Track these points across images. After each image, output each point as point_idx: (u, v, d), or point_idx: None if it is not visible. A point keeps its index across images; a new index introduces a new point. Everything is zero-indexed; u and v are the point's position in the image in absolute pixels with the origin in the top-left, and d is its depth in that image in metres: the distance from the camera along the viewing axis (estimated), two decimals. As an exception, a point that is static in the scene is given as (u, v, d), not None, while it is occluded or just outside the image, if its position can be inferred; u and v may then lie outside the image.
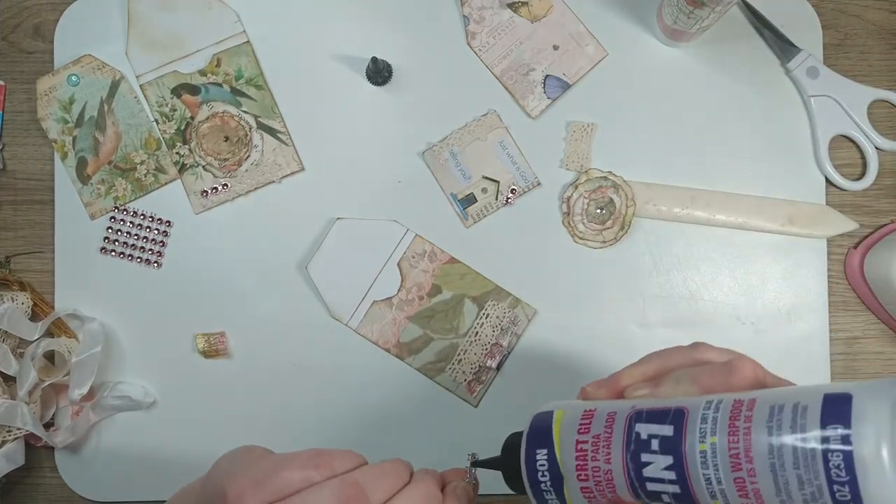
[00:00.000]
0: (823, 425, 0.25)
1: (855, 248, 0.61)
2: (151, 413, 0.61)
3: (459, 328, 0.61)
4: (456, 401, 0.61)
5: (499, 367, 0.60)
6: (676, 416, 0.29)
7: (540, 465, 0.33)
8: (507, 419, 0.60)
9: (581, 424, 0.32)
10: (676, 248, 0.61)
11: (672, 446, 0.29)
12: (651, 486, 0.29)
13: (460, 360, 0.60)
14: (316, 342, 0.61)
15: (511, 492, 0.35)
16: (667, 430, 0.29)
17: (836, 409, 0.25)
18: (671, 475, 0.29)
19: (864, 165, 0.62)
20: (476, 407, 0.61)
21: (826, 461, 0.24)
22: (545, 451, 0.32)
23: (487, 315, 0.61)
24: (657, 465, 0.29)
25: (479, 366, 0.60)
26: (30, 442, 0.60)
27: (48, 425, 0.60)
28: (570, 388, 0.60)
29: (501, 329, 0.60)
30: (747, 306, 0.61)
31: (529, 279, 0.61)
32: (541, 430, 0.33)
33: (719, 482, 0.27)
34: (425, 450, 0.60)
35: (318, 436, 0.61)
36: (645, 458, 0.29)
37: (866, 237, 0.61)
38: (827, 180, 0.62)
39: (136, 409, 0.61)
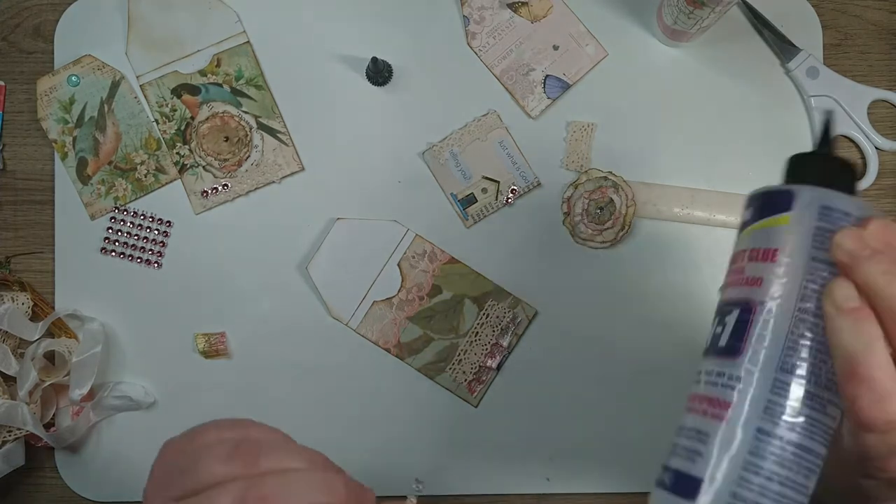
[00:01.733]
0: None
1: (855, 248, 0.61)
2: (151, 413, 0.61)
3: (459, 328, 0.61)
4: (456, 401, 0.61)
5: (499, 367, 0.60)
6: None
7: None
8: (507, 419, 0.61)
9: None
10: (676, 248, 0.61)
11: None
12: None
13: (460, 360, 0.60)
14: (316, 342, 0.61)
15: None
16: None
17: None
18: None
19: (864, 165, 0.62)
20: (476, 407, 0.61)
21: None
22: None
23: (487, 315, 0.61)
24: None
25: (479, 366, 0.60)
26: (30, 442, 0.60)
27: (48, 425, 0.60)
28: (570, 387, 0.60)
29: (501, 329, 0.60)
30: (747, 306, 0.61)
31: (529, 279, 0.61)
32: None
33: None
34: (425, 450, 0.60)
35: (317, 436, 0.61)
36: None
37: (866, 237, 0.61)
38: (827, 180, 0.62)
39: (136, 409, 0.61)
